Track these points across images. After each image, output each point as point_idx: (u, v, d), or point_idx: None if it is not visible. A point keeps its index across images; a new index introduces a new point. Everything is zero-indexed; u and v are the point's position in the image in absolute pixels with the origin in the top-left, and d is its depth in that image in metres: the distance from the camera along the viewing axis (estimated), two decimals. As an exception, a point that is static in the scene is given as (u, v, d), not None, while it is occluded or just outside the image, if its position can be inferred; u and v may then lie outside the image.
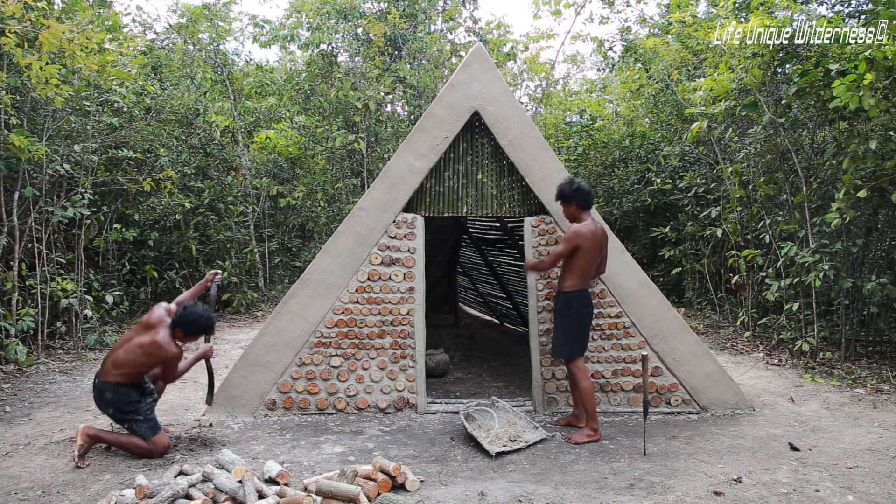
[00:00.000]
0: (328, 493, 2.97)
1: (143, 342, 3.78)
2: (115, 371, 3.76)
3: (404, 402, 4.67)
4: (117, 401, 3.75)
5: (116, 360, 3.77)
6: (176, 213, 9.15)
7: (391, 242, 4.77)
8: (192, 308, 3.87)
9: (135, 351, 3.77)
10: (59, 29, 5.65)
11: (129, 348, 3.79)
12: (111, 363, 3.79)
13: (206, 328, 3.94)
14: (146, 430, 3.75)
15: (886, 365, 5.91)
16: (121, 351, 3.80)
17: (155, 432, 3.77)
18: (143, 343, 3.77)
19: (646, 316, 4.68)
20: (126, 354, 3.78)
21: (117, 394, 3.75)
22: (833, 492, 3.23)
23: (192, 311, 3.85)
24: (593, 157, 12.38)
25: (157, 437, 3.76)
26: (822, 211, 6.38)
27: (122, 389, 3.76)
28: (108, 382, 3.76)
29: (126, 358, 3.77)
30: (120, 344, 3.86)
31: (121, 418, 3.78)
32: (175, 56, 11.87)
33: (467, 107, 4.81)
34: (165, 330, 3.85)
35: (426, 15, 13.39)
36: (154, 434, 3.76)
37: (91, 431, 3.73)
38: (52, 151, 6.71)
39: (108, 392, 3.76)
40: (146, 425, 3.76)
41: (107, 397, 3.76)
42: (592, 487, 3.30)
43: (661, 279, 10.58)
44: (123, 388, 3.77)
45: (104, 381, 3.78)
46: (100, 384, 3.80)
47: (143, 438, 3.74)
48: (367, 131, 11.77)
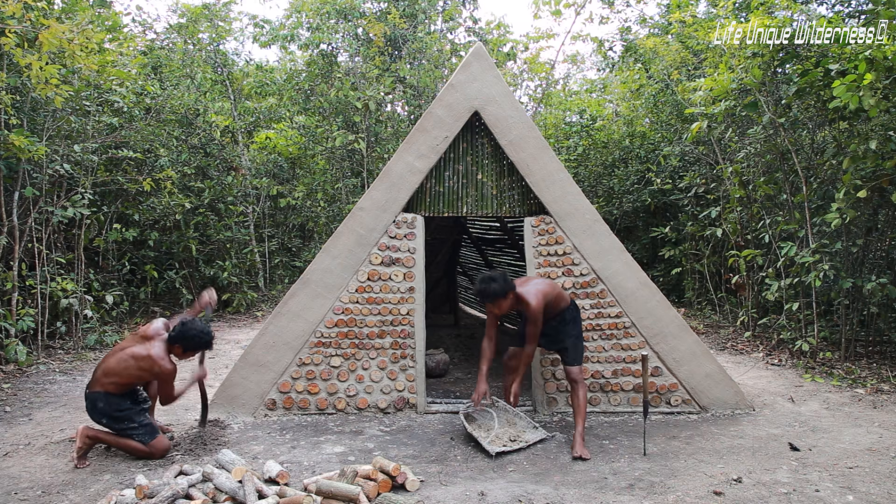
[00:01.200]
0: (328, 493, 2.97)
1: (138, 353, 3.70)
2: (106, 380, 3.68)
3: (404, 402, 4.67)
4: (110, 410, 3.68)
5: (108, 369, 3.69)
6: (176, 213, 9.15)
7: (391, 242, 4.77)
8: (191, 324, 3.81)
9: (127, 361, 3.69)
10: (59, 29, 5.65)
11: (122, 357, 3.70)
12: (102, 372, 3.70)
13: (206, 344, 3.88)
14: (144, 436, 3.71)
15: (886, 365, 5.91)
16: (112, 360, 3.71)
17: (153, 437, 3.73)
18: (138, 355, 3.69)
19: (646, 316, 4.68)
20: (118, 364, 3.69)
21: (108, 403, 3.67)
22: (833, 492, 3.23)
23: (192, 327, 3.80)
24: (593, 157, 12.38)
25: (155, 441, 3.73)
26: (822, 211, 6.38)
27: (113, 399, 3.68)
28: (98, 392, 3.68)
29: (118, 368, 3.68)
30: (112, 352, 3.79)
31: (116, 428, 3.72)
32: (175, 56, 11.87)
33: (467, 107, 4.81)
34: (161, 344, 3.77)
35: (426, 15, 13.38)
36: (152, 439, 3.72)
37: (91, 432, 3.71)
38: (52, 151, 6.71)
39: (101, 402, 3.68)
40: (142, 431, 3.71)
41: (99, 406, 3.69)
42: (592, 487, 3.30)
43: (661, 279, 10.58)
44: (114, 397, 3.69)
45: (94, 391, 3.70)
46: (91, 395, 3.71)
47: (143, 444, 3.71)
48: (367, 131, 11.76)
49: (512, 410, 4.31)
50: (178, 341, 3.80)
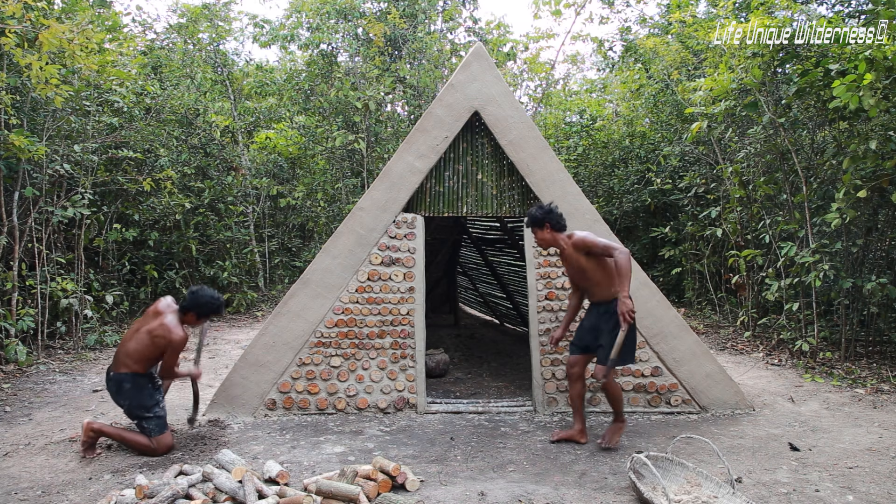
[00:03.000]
0: (328, 493, 2.97)
1: (152, 327, 3.85)
2: (129, 360, 3.81)
3: (404, 402, 4.67)
4: (136, 394, 3.80)
5: (128, 351, 3.83)
6: (176, 213, 9.15)
7: (391, 242, 4.77)
8: (201, 290, 3.99)
9: (143, 338, 3.83)
10: (59, 29, 5.65)
11: (139, 337, 3.85)
12: (124, 354, 3.83)
13: (217, 308, 4.05)
14: (154, 428, 3.80)
15: (886, 365, 5.91)
16: (132, 341, 3.85)
17: (162, 431, 3.82)
18: (152, 328, 3.84)
19: (646, 316, 4.68)
20: (136, 343, 3.83)
21: (136, 385, 3.80)
22: (833, 492, 3.23)
23: (203, 293, 3.97)
24: (593, 157, 12.38)
25: (162, 436, 3.81)
26: (822, 211, 6.38)
27: (139, 380, 3.82)
28: (125, 373, 3.81)
29: (137, 346, 3.82)
30: (130, 335, 3.91)
31: (135, 413, 3.82)
32: (175, 56, 11.87)
33: (467, 107, 4.81)
34: (174, 315, 3.93)
35: (426, 15, 13.39)
36: (161, 433, 3.81)
37: (95, 425, 3.78)
38: (52, 151, 6.71)
39: (127, 382, 3.80)
40: (155, 422, 3.81)
41: (125, 388, 3.80)
42: (592, 487, 3.30)
43: (661, 279, 10.58)
44: (140, 378, 3.82)
45: (120, 372, 3.81)
46: (116, 376, 3.83)
47: (149, 436, 3.79)
48: (367, 131, 11.76)
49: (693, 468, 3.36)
50: (192, 308, 3.95)
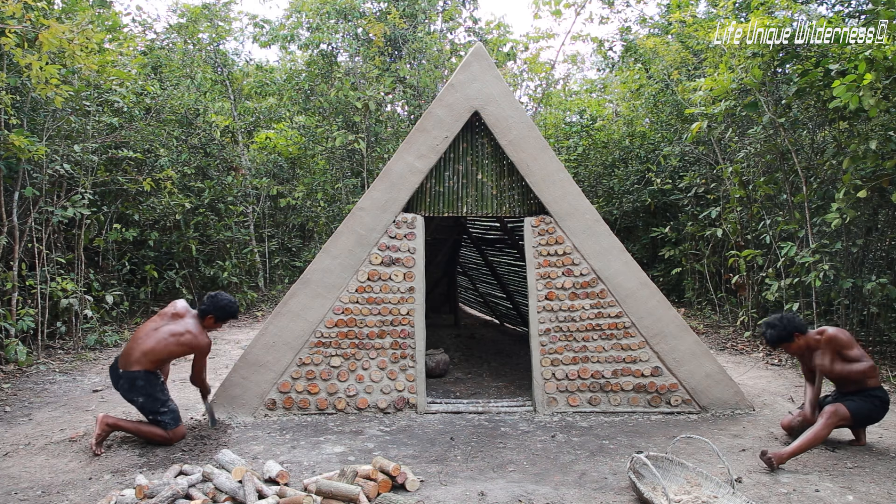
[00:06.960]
0: (328, 493, 2.97)
1: (177, 331, 3.94)
2: (145, 359, 3.86)
3: (404, 402, 4.67)
4: (150, 389, 3.86)
5: (146, 349, 3.87)
6: (176, 213, 9.15)
7: (391, 242, 4.77)
8: (219, 295, 4.14)
9: (167, 340, 3.91)
10: (59, 29, 5.65)
11: (161, 338, 3.91)
12: (141, 353, 3.87)
13: (235, 313, 4.24)
14: (171, 422, 3.88)
15: (886, 365, 5.91)
16: (151, 340, 3.90)
17: (177, 424, 3.91)
18: (177, 332, 3.93)
19: (646, 316, 4.68)
20: (158, 343, 3.89)
21: (148, 381, 3.86)
22: (833, 492, 3.23)
23: (222, 297, 4.13)
24: (593, 157, 12.38)
25: (178, 427, 3.93)
26: (822, 211, 6.38)
27: (150, 377, 3.88)
28: (139, 371, 3.85)
29: (158, 347, 3.88)
30: (146, 333, 3.94)
31: (150, 409, 3.87)
32: (175, 56, 11.87)
33: (467, 107, 4.81)
34: (194, 320, 4.04)
35: (426, 15, 13.39)
36: (176, 425, 3.91)
37: (110, 420, 3.83)
38: (52, 151, 6.71)
39: (140, 380, 3.85)
40: (170, 416, 3.90)
41: (139, 385, 3.85)
42: (592, 487, 3.30)
43: (661, 279, 10.58)
44: (151, 375, 3.89)
45: (134, 370, 3.85)
46: (128, 374, 3.86)
47: (165, 429, 3.86)
48: (367, 131, 11.77)
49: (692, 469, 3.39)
50: (211, 312, 4.10)
